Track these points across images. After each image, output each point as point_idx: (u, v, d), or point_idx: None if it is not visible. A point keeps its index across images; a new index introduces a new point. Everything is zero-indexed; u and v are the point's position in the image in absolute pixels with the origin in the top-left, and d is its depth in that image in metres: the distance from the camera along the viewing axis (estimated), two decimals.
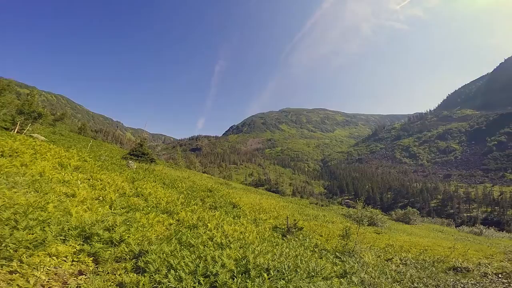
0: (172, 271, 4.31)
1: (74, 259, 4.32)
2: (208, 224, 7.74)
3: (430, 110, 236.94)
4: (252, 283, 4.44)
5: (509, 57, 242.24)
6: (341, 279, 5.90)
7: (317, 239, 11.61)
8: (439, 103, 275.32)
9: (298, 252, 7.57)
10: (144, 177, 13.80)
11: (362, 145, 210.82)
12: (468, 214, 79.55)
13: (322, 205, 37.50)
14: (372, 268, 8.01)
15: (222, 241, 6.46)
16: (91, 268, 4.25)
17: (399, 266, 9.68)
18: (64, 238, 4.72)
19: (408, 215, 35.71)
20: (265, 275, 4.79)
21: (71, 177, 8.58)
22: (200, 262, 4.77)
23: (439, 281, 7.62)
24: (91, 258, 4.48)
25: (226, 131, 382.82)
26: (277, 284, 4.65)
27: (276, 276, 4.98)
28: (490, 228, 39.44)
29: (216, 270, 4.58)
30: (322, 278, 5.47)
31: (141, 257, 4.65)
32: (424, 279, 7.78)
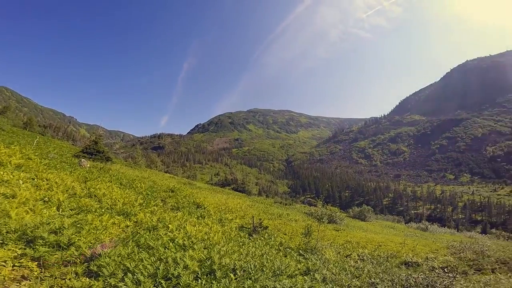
0: (129, 274, 4.11)
1: (16, 264, 3.91)
2: (169, 225, 7.42)
3: (384, 114, 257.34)
4: (218, 284, 4.37)
5: (453, 68, 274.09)
6: (305, 277, 6.04)
7: (281, 238, 11.82)
8: (393, 108, 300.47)
9: (264, 251, 7.60)
10: (99, 177, 12.78)
11: (323, 147, 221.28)
12: (415, 211, 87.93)
13: (286, 204, 38.39)
14: (333, 265, 8.33)
15: (185, 242, 6.23)
16: (36, 273, 3.89)
17: (357, 262, 10.23)
18: (2, 242, 4.24)
19: (364, 213, 38.17)
20: (232, 275, 4.74)
21: (11, 176, 7.56)
22: (161, 265, 4.59)
23: (393, 275, 8.09)
24: (36, 263, 4.08)
25: (192, 130, 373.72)
26: (244, 284, 4.61)
27: (243, 276, 4.94)
28: (434, 224, 43.90)
29: (178, 272, 4.42)
30: (287, 276, 5.55)
31: (94, 260, 4.38)
32: (380, 274, 8.26)
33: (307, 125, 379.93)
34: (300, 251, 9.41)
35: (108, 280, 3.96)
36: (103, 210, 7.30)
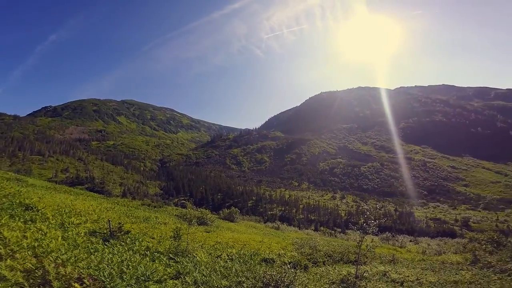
0: None
1: None
2: None
3: (255, 127, 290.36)
4: None
5: (311, 96, 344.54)
6: (175, 281, 5.40)
7: (148, 242, 10.47)
8: (263, 123, 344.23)
9: (125, 257, 6.33)
10: None
11: (201, 150, 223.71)
12: (271, 212, 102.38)
13: (155, 207, 35.34)
14: (205, 266, 8.09)
15: (0, 251, 4.41)
16: None
17: (227, 261, 10.38)
18: None
19: (232, 214, 40.59)
20: (77, 285, 4.05)
21: None
22: None
23: (255, 273, 8.65)
24: None
25: (36, 112, 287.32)
26: None
27: (94, 285, 4.23)
28: (284, 223, 52.33)
29: None
30: (155, 282, 4.82)
31: None
32: (246, 272, 8.67)
33: (188, 127, 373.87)
34: (170, 254, 8.56)
35: None
36: None
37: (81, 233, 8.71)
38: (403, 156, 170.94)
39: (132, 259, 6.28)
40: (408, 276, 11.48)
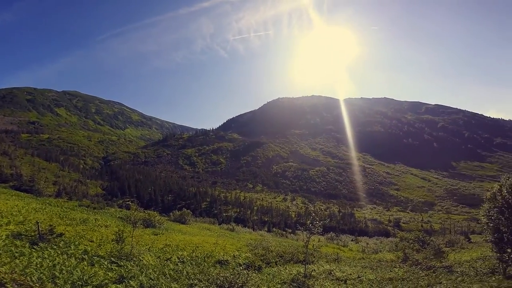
0: None
1: None
2: None
3: (212, 128, 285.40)
4: None
5: (269, 101, 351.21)
6: (118, 285, 4.93)
7: (86, 245, 9.42)
8: (220, 124, 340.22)
9: (57, 261, 5.59)
10: None
11: (151, 149, 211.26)
12: (226, 214, 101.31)
13: (95, 208, 32.21)
14: (152, 270, 7.61)
15: None
16: None
17: (177, 264, 9.92)
18: None
19: (184, 216, 39.15)
20: None
21: None
22: None
23: (209, 275, 8.48)
24: None
25: None
26: None
27: None
28: (239, 225, 52.20)
29: None
30: (95, 286, 4.30)
31: None
32: (198, 274, 8.43)
33: (138, 124, 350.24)
34: (112, 258, 7.83)
35: None
36: None
37: (2, 236, 7.43)
38: (347, 162, 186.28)
39: (67, 263, 5.53)
40: (350, 274, 12.42)
